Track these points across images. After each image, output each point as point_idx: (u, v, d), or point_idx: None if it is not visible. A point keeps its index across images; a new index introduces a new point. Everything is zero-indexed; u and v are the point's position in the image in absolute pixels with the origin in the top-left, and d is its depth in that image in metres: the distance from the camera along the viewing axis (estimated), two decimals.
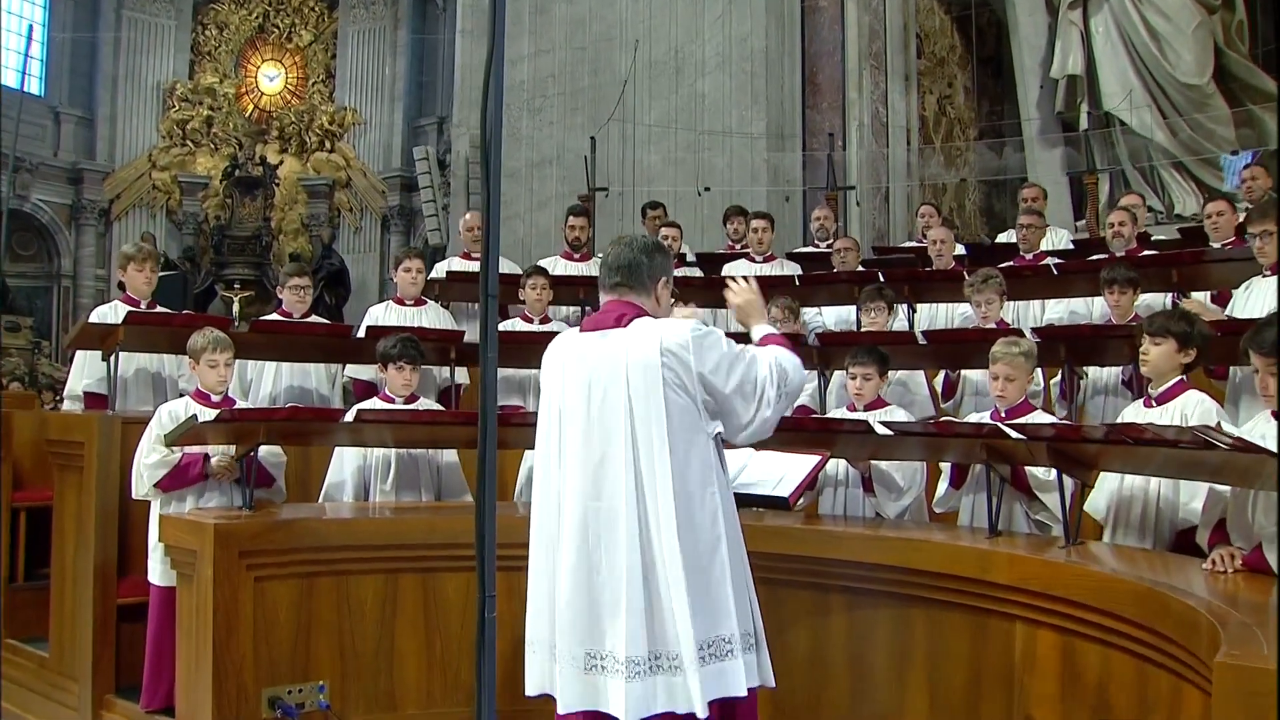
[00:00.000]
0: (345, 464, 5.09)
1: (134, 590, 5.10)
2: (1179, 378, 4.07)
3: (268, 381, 6.21)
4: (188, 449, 4.71)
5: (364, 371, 6.26)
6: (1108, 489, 4.15)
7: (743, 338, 3.55)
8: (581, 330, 3.33)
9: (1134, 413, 4.21)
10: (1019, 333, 5.29)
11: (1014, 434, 4.03)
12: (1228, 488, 3.63)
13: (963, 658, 4.08)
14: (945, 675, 4.12)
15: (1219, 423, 3.69)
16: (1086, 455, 3.96)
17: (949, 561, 4.09)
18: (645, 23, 11.80)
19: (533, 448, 5.28)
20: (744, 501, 3.69)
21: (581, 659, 3.08)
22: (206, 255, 18.46)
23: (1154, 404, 4.10)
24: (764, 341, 3.43)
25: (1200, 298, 6.29)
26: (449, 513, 4.97)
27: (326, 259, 18.55)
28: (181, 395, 5.35)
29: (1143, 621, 3.30)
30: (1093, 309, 6.66)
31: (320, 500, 5.14)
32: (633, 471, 3.08)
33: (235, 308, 16.41)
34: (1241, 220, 6.57)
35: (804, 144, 11.61)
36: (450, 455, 5.24)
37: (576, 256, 7.97)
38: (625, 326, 3.20)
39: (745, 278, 3.67)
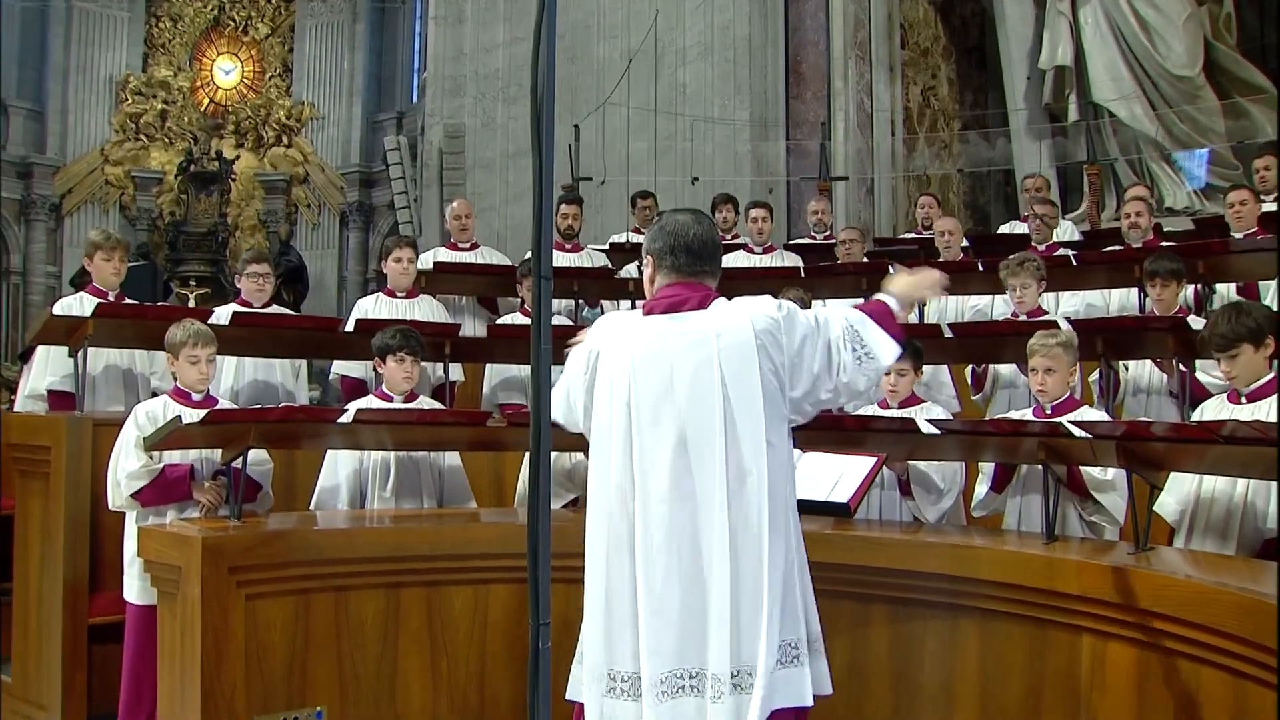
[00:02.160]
0: (339, 467, 4.70)
1: (107, 608, 4.69)
2: (1272, 374, 3.78)
3: (228, 376, 5.76)
4: (169, 455, 4.29)
5: (353, 368, 5.86)
6: (1181, 491, 3.86)
7: None
8: (649, 312, 2.94)
9: (1217, 409, 3.92)
10: (1053, 323, 5.01)
11: (1078, 431, 3.73)
12: None
13: (1020, 672, 3.79)
14: (1000, 691, 3.83)
15: None
16: (1156, 455, 3.67)
17: (1010, 569, 3.80)
18: (624, 10, 11.47)
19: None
20: (800, 508, 3.37)
21: (673, 682, 2.73)
22: (161, 252, 17.85)
23: (1243, 401, 3.80)
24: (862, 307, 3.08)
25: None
26: (454, 521, 4.62)
27: (284, 255, 18.00)
28: (155, 394, 4.93)
29: (1246, 636, 3.02)
30: (1110, 301, 6.43)
31: (311, 507, 4.74)
32: (728, 464, 2.76)
33: (191, 305, 15.84)
34: (1267, 210, 6.38)
35: (787, 133, 11.34)
36: (453, 458, 4.86)
37: (568, 247, 7.62)
38: (707, 308, 2.88)
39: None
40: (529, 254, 7.42)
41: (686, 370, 2.81)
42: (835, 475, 3.61)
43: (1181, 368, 4.87)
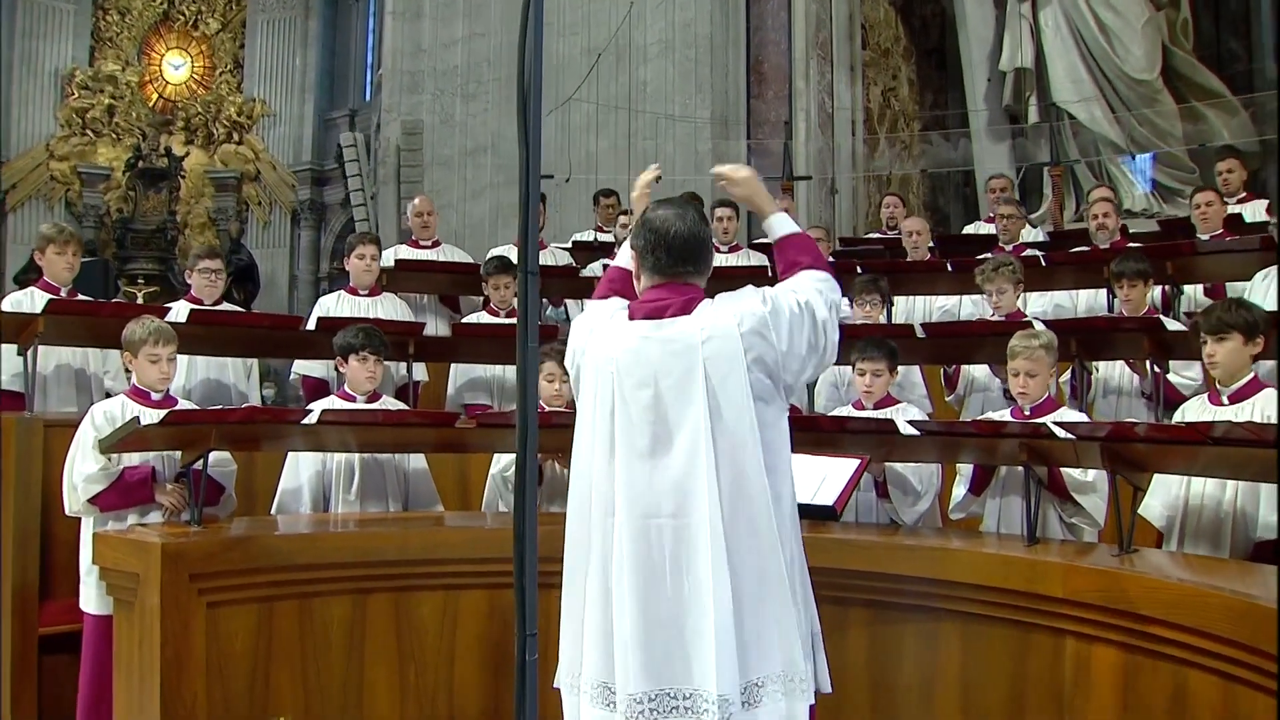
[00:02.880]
0: (301, 469, 4.54)
1: (58, 617, 4.51)
2: (1252, 374, 3.76)
3: (179, 375, 5.56)
4: (128, 458, 4.12)
5: (315, 367, 5.70)
6: (1166, 494, 3.83)
7: None
8: (631, 317, 2.80)
9: (1199, 411, 3.89)
10: (1029, 325, 4.97)
11: (1062, 433, 3.69)
12: None
13: (1002, 676, 3.74)
14: (981, 694, 3.78)
15: None
16: (1140, 457, 3.63)
17: (992, 572, 3.74)
18: (584, 7, 11.36)
19: (504, 450, 4.93)
20: None
21: (660, 702, 2.61)
22: (109, 249, 17.47)
23: (1225, 402, 3.77)
24: (785, 246, 2.94)
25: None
26: (421, 524, 4.48)
27: (235, 254, 17.67)
28: (110, 394, 4.75)
29: (1238, 639, 2.99)
30: (1077, 302, 6.43)
31: (272, 511, 4.59)
32: (718, 478, 2.63)
33: (140, 304, 15.50)
34: (1231, 212, 6.42)
35: (748, 133, 11.30)
36: (418, 460, 4.73)
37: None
38: (690, 313, 2.73)
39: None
40: (492, 252, 7.32)
41: (671, 380, 2.69)
42: (819, 477, 3.53)
43: (1156, 369, 4.86)
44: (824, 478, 3.53)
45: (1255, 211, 6.88)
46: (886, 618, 3.99)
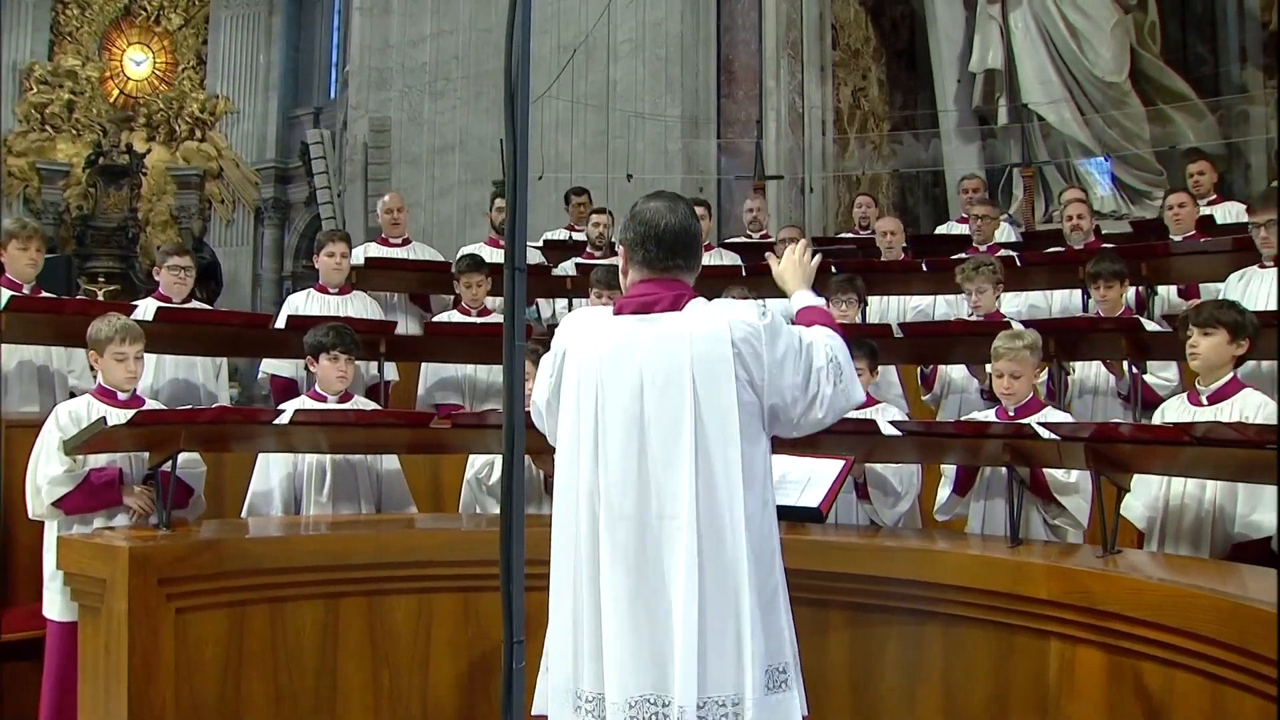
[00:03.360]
0: (272, 472, 4.45)
1: (20, 624, 4.38)
2: (1231, 374, 3.75)
3: (146, 374, 5.44)
4: (94, 459, 4.01)
5: (284, 367, 5.59)
6: (1147, 495, 3.82)
7: None
8: (619, 312, 2.71)
9: (1179, 411, 3.88)
10: (1008, 325, 4.96)
11: (1045, 433, 3.66)
12: None
13: (985, 678, 3.70)
14: (964, 697, 3.75)
15: None
16: (1124, 457, 3.62)
17: (975, 574, 3.71)
18: (554, 5, 11.28)
19: (480, 452, 4.86)
20: None
21: (640, 709, 2.54)
22: (68, 246, 17.19)
23: (1204, 402, 3.76)
24: (804, 315, 2.89)
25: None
26: (394, 527, 4.39)
27: (197, 252, 17.43)
28: (74, 394, 4.62)
29: (1225, 640, 2.97)
30: (1052, 302, 6.43)
31: (243, 514, 4.48)
32: (696, 481, 2.54)
33: (105, 301, 15.26)
34: (1202, 214, 6.45)
35: (718, 132, 11.27)
36: (391, 462, 4.65)
37: (503, 243, 7.38)
38: (681, 310, 2.64)
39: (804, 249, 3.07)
40: (462, 250, 7.24)
41: (656, 379, 2.60)
42: (803, 479, 3.49)
43: (1134, 370, 4.86)
44: (808, 479, 3.48)
45: (1226, 213, 6.93)
46: (868, 620, 3.95)
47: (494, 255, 7.15)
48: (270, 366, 5.79)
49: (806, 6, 11.38)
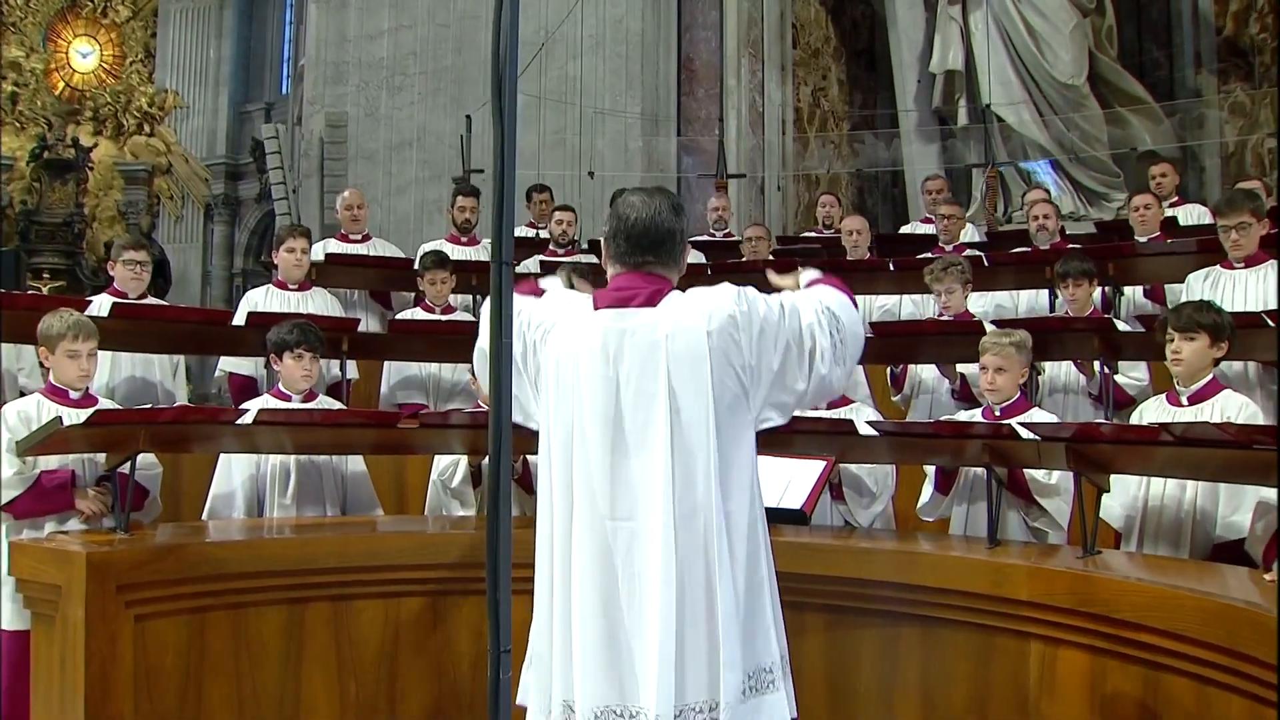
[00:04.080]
0: (234, 473, 4.32)
1: None
2: (1211, 375, 3.74)
3: (101, 372, 5.26)
4: (45, 461, 3.85)
5: (242, 364, 5.44)
6: (1125, 495, 3.80)
7: None
8: (597, 306, 2.64)
9: (1158, 412, 3.86)
10: (979, 324, 4.95)
11: (1026, 433, 3.63)
12: None
13: (965, 680, 3.68)
14: (942, 699, 3.72)
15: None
16: (1105, 457, 3.60)
17: (954, 575, 3.68)
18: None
19: (445, 452, 4.76)
20: None
21: (607, 718, 2.47)
22: (12, 242, 16.79)
23: (1185, 403, 3.75)
24: (813, 284, 2.80)
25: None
26: (360, 530, 4.28)
27: None
28: (24, 393, 4.46)
29: (1213, 641, 2.95)
30: (1018, 302, 6.44)
31: (204, 516, 4.35)
32: (673, 481, 2.47)
33: (58, 296, 14.90)
34: (1166, 215, 6.50)
35: (679, 130, 11.22)
36: (357, 463, 4.53)
37: (464, 240, 7.31)
38: (656, 305, 2.57)
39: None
40: (424, 247, 7.12)
41: (630, 377, 2.53)
42: (784, 480, 3.43)
43: (1105, 369, 4.86)
44: (789, 480, 3.43)
45: (1188, 215, 6.99)
46: (845, 622, 3.91)
47: (456, 252, 7.04)
48: (228, 364, 5.63)
49: (767, 6, 11.38)
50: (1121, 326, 4.86)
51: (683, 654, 2.44)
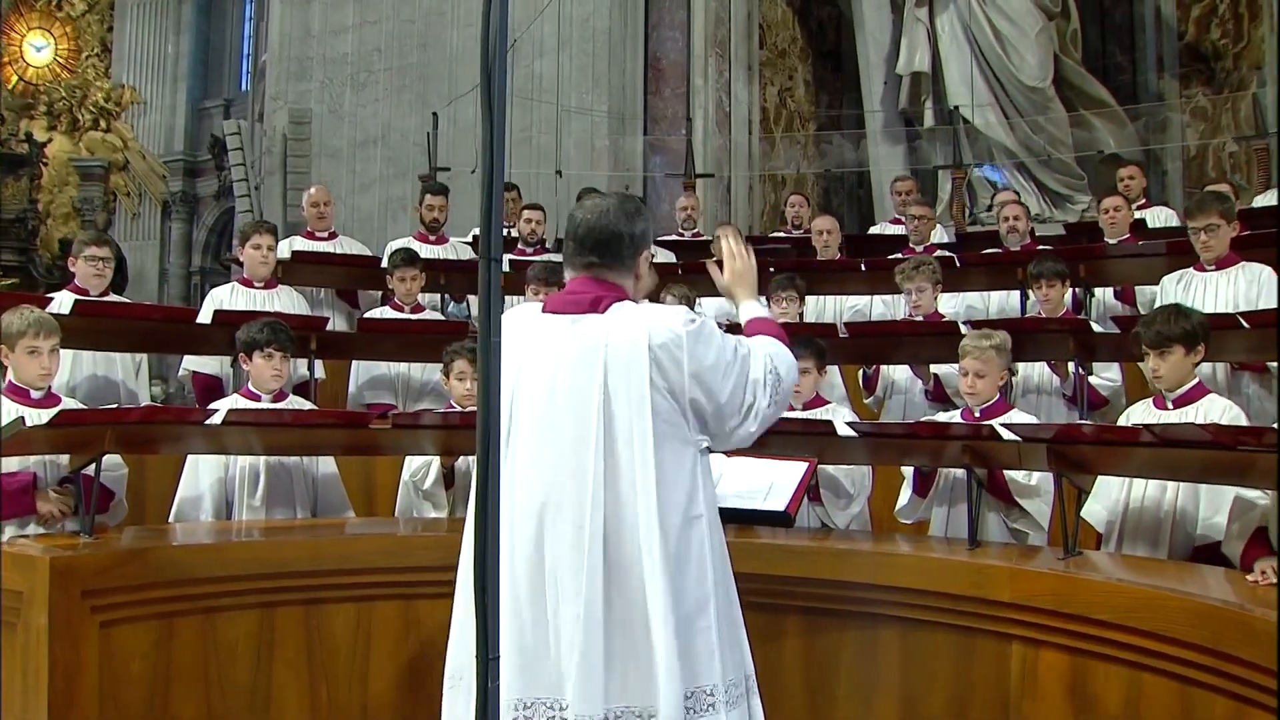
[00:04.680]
0: (202, 475, 4.22)
1: None
2: (1196, 379, 3.75)
3: (63, 371, 5.13)
4: (6, 463, 3.73)
5: (207, 363, 5.33)
6: (1108, 498, 3.80)
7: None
8: (545, 310, 2.65)
9: (1144, 415, 3.87)
10: (954, 325, 4.95)
11: (1007, 434, 3.62)
12: (1257, 495, 3.32)
13: (945, 681, 3.66)
14: (923, 700, 3.70)
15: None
16: (1086, 459, 3.59)
17: (935, 577, 3.66)
18: None
19: (417, 453, 4.69)
20: (733, 518, 3.14)
21: (536, 710, 2.47)
22: None
23: (1170, 406, 3.75)
24: (752, 327, 2.81)
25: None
26: (332, 532, 4.19)
27: None
28: None
29: (1199, 642, 2.95)
30: (989, 303, 6.46)
31: (171, 519, 4.25)
32: (602, 487, 2.47)
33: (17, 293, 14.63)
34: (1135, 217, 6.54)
35: (645, 129, 11.18)
36: (328, 465, 4.45)
37: (432, 239, 7.22)
38: (603, 312, 2.57)
39: (738, 242, 2.92)
40: (392, 245, 7.03)
41: (566, 381, 2.53)
42: (766, 482, 3.40)
43: (1079, 370, 4.87)
44: (772, 482, 3.40)
45: (1155, 218, 7.04)
46: (822, 624, 3.88)
47: (424, 251, 6.96)
48: (193, 363, 5.51)
49: (735, 6, 11.37)
50: (1096, 328, 4.87)
51: (611, 655, 2.44)
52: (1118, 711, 3.21)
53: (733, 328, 2.91)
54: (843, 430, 3.95)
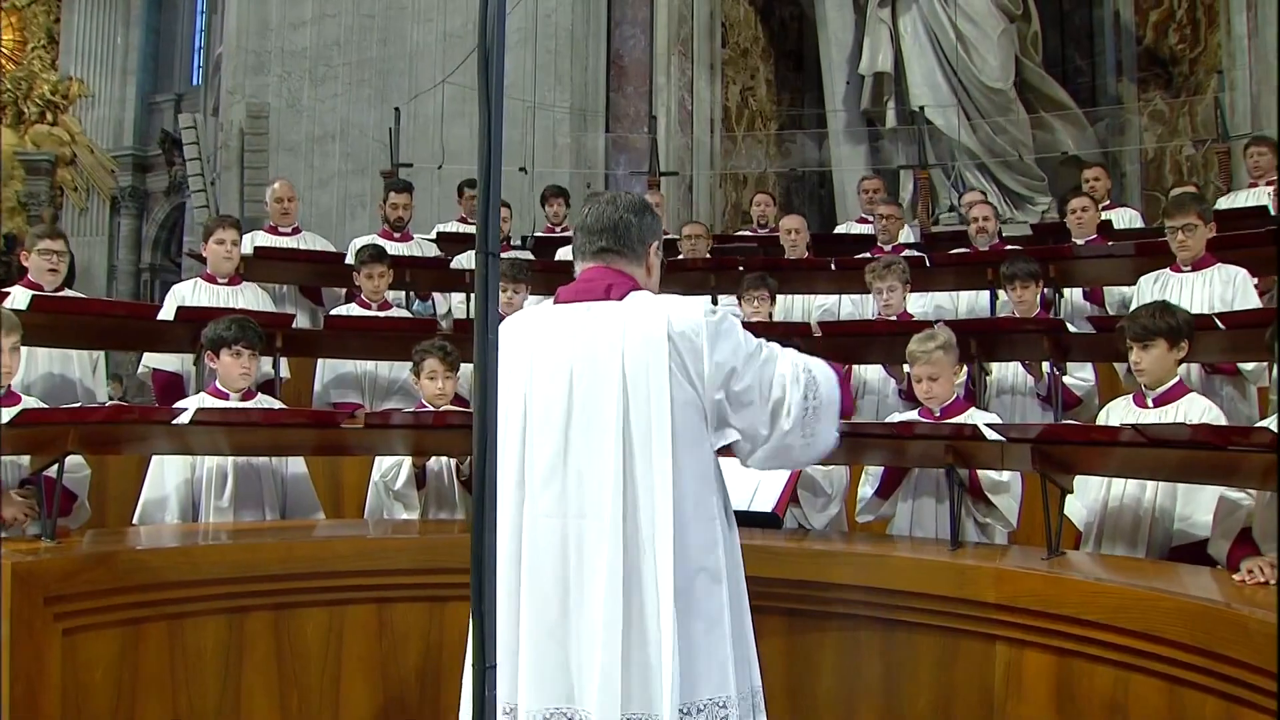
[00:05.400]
0: (167, 476, 4.10)
1: None
2: (1177, 378, 3.75)
3: (18, 369, 4.97)
4: None
5: (167, 361, 5.19)
6: (1088, 496, 3.80)
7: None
8: (557, 301, 2.57)
9: (1124, 414, 3.86)
10: (925, 324, 4.92)
11: (992, 434, 3.60)
12: (1242, 496, 3.32)
13: (927, 683, 3.63)
14: (905, 702, 3.67)
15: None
16: (1070, 458, 3.58)
17: (918, 578, 3.62)
18: None
19: (392, 454, 4.59)
20: None
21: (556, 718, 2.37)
22: None
23: (1150, 405, 3.75)
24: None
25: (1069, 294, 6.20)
26: (302, 534, 4.09)
27: None
28: None
29: (1189, 642, 2.94)
30: (958, 303, 6.46)
31: (135, 521, 4.12)
32: (622, 481, 2.37)
33: None
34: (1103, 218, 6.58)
35: (607, 126, 11.13)
36: (297, 465, 4.34)
37: (397, 236, 7.10)
38: (619, 299, 2.49)
39: None
40: (356, 241, 6.91)
41: (586, 368, 2.44)
42: (752, 483, 3.35)
43: (1055, 371, 4.88)
44: (758, 482, 3.35)
45: (1121, 219, 7.09)
46: (802, 626, 3.83)
47: (389, 249, 6.84)
48: (152, 361, 5.37)
49: (697, 4, 11.37)
50: (1071, 328, 4.88)
51: (629, 660, 2.34)
52: (1104, 712, 3.19)
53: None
54: None
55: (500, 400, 2.48)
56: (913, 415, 4.38)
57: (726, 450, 2.56)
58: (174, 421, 3.66)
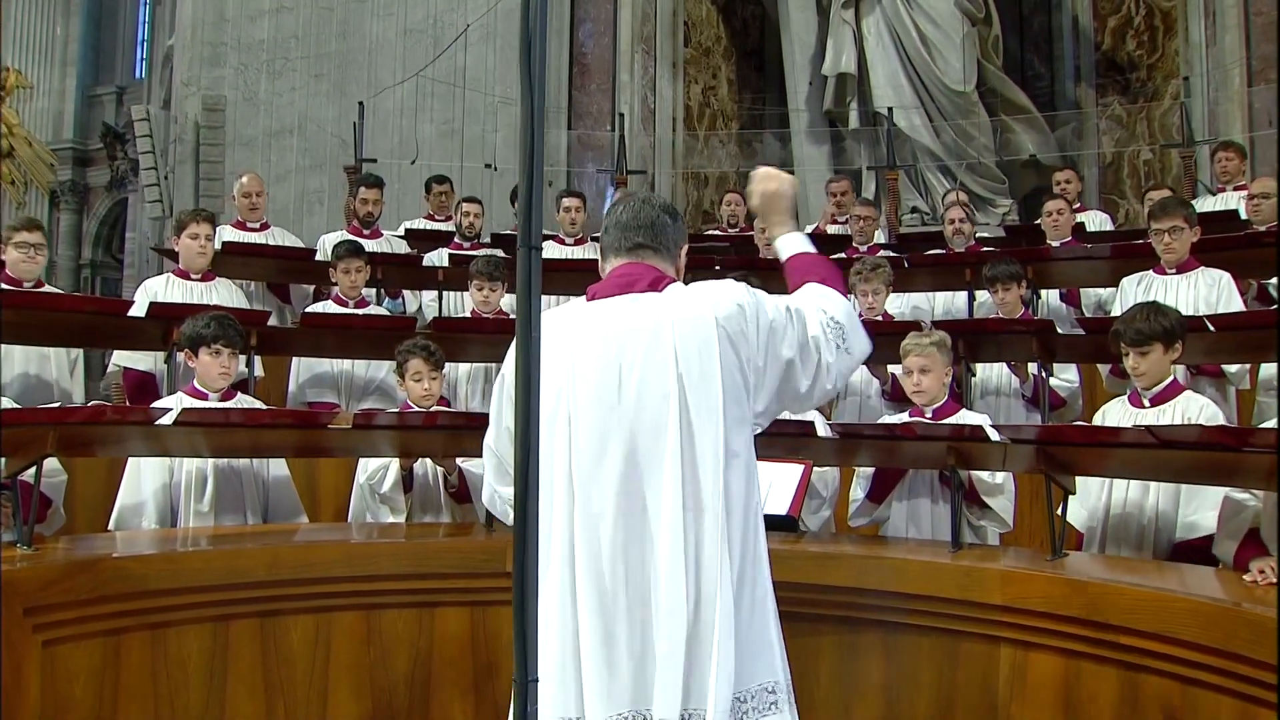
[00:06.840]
0: (145, 481, 3.95)
1: None
2: (1171, 377, 3.77)
3: None
4: None
5: (139, 359, 5.01)
6: (1087, 499, 3.79)
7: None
8: (591, 298, 2.49)
9: (1121, 414, 3.86)
10: (917, 325, 4.91)
11: (995, 435, 3.58)
12: (1247, 497, 3.33)
13: (929, 686, 3.61)
14: (907, 706, 3.64)
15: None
16: (1072, 459, 3.57)
17: (921, 581, 3.59)
18: None
19: (376, 455, 4.47)
20: None
21: None
22: None
23: (1147, 404, 3.76)
24: (794, 265, 2.73)
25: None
26: (287, 539, 3.96)
27: None
28: None
29: (1204, 643, 2.93)
30: (935, 304, 6.47)
31: (111, 527, 3.96)
32: (681, 476, 2.30)
33: None
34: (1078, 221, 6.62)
35: (570, 124, 11.03)
36: (279, 468, 4.21)
37: (366, 233, 6.95)
38: (660, 291, 2.43)
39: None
40: (326, 238, 6.76)
41: (635, 365, 2.36)
42: (765, 485, 3.29)
43: (1043, 372, 4.88)
44: (770, 485, 3.29)
45: (1093, 221, 7.15)
46: (800, 629, 3.76)
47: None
48: (123, 359, 5.19)
49: (660, 3, 11.30)
50: (1061, 330, 4.89)
51: (694, 655, 2.27)
52: (1112, 714, 3.18)
53: None
54: (823, 431, 3.87)
55: (544, 406, 2.41)
56: (905, 417, 4.36)
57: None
58: (158, 423, 3.52)
